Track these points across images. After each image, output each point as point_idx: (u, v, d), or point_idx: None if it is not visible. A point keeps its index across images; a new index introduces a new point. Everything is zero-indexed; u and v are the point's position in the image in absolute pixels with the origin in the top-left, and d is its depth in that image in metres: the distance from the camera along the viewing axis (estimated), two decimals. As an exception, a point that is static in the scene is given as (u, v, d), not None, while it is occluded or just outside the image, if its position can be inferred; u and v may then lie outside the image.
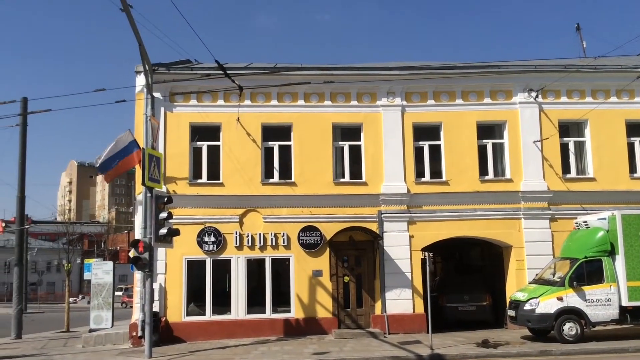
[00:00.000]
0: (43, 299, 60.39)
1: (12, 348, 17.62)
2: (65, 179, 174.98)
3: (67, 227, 41.75)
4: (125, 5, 12.60)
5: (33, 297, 56.83)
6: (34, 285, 56.91)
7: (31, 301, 52.48)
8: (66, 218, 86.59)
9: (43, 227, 79.99)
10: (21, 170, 21.43)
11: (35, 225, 69.57)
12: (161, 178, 15.15)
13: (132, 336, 16.29)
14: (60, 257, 42.34)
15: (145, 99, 15.87)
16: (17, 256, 21.68)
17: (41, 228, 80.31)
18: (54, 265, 77.57)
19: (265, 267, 17.41)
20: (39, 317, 37.57)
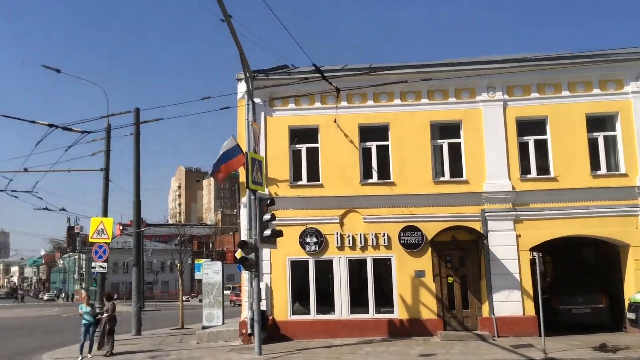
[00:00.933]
0: (158, 297, 64.21)
1: (133, 344, 18.87)
2: (175, 183, 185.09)
3: (179, 229, 44.05)
4: (226, 16, 13.12)
5: (149, 295, 60.49)
6: (150, 285, 60.64)
7: (148, 299, 55.92)
8: (177, 221, 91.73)
9: (156, 229, 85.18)
10: (136, 176, 22.91)
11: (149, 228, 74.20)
12: (264, 181, 15.65)
13: (242, 333, 16.95)
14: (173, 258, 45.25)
15: (246, 105, 16.46)
16: (135, 257, 23.18)
17: (155, 230, 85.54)
18: (167, 265, 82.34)
19: (366, 267, 17.46)
20: (156, 314, 39.95)
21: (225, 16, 13.11)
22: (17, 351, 18.61)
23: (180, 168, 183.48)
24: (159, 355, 15.67)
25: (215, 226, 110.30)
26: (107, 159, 21.12)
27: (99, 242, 19.54)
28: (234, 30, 13.66)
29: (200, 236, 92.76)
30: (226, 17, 13.14)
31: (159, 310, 47.04)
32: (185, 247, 64.68)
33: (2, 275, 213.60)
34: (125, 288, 74.31)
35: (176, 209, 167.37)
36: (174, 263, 71.28)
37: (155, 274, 60.54)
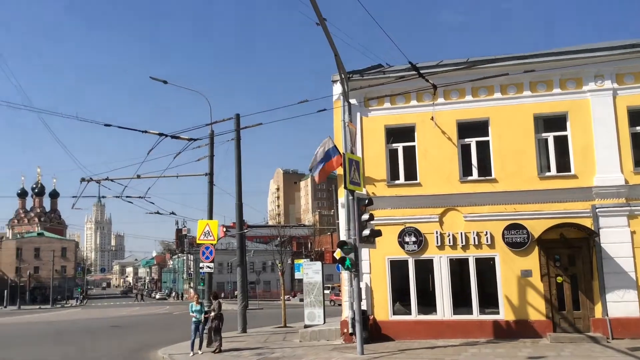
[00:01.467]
0: (261, 296, 65.99)
1: (239, 341, 19.59)
2: (273, 185, 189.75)
3: (278, 231, 45.08)
4: (321, 19, 13.30)
5: (252, 294, 62.32)
6: (253, 284, 62.37)
7: (251, 298, 57.66)
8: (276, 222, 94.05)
9: (257, 230, 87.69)
10: (238, 180, 23.74)
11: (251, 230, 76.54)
12: (361, 181, 15.70)
13: (344, 333, 17.09)
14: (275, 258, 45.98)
15: (342, 106, 16.59)
16: (239, 257, 24.02)
17: (256, 232, 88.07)
18: (268, 266, 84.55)
19: (468, 266, 17.02)
20: (259, 313, 41.15)
21: (320, 19, 13.29)
22: (134, 347, 19.89)
23: (279, 170, 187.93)
24: (265, 352, 16.16)
25: (313, 227, 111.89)
26: (211, 164, 22.04)
27: (205, 244, 20.43)
28: (329, 33, 13.82)
29: (299, 237, 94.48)
30: (321, 20, 13.32)
31: (262, 309, 48.44)
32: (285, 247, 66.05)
33: (118, 275, 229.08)
34: (230, 287, 77.18)
35: (275, 211, 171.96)
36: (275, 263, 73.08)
37: (257, 274, 62.29)
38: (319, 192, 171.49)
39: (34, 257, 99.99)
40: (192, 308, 16.89)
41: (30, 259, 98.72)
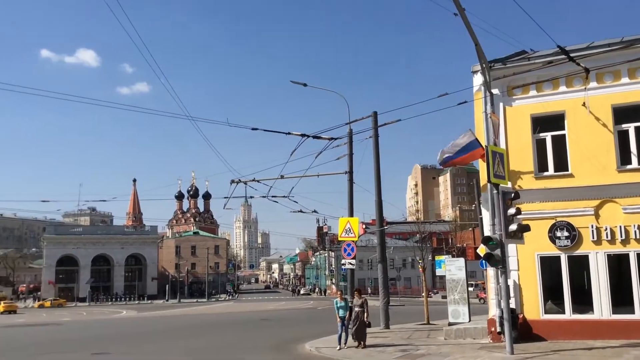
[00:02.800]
0: (402, 293, 65.85)
1: (383, 337, 19.70)
2: (411, 181, 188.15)
3: (418, 227, 44.66)
4: (460, 9, 12.96)
5: (393, 291, 62.39)
6: (393, 281, 62.43)
7: (392, 295, 57.74)
8: (415, 218, 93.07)
9: (396, 227, 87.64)
10: (377, 177, 23.87)
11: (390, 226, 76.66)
12: (506, 174, 15.05)
13: (491, 331, 16.51)
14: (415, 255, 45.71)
15: (483, 97, 16.02)
16: (379, 254, 24.16)
17: (395, 228, 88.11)
18: (408, 262, 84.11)
19: (629, 262, 15.60)
20: (400, 309, 41.07)
21: (459, 9, 12.96)
22: (283, 340, 20.82)
23: (416, 166, 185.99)
24: (409, 349, 16.10)
25: (454, 222, 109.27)
26: (350, 162, 22.41)
27: (347, 241, 20.83)
28: (469, 23, 13.41)
29: (439, 233, 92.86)
30: (460, 10, 12.98)
31: (403, 306, 48.27)
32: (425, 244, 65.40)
33: (265, 272, 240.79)
34: (370, 284, 77.87)
35: (414, 207, 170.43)
36: (415, 260, 72.62)
37: (397, 271, 62.27)
38: (459, 187, 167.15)
39: (191, 254, 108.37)
40: (336, 304, 17.07)
41: (187, 256, 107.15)
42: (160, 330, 28.77)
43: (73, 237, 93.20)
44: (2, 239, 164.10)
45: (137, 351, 19.03)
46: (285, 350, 18.02)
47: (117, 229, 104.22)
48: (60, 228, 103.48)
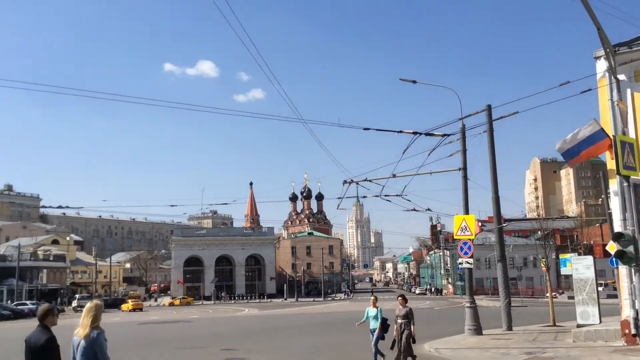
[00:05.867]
0: (523, 293, 63.10)
1: (505, 338, 19.04)
2: (530, 176, 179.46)
3: (540, 223, 42.63)
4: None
5: (514, 291, 59.93)
6: (514, 280, 60.03)
7: (513, 295, 55.44)
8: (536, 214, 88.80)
9: (515, 224, 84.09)
10: (493, 173, 23.10)
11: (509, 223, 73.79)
12: (637, 165, 14.01)
13: (625, 334, 15.39)
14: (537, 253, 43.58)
15: (608, 84, 15.02)
16: (499, 253, 23.35)
17: (514, 225, 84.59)
18: (530, 261, 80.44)
19: None
20: (523, 310, 39.39)
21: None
22: (402, 338, 20.73)
23: (535, 160, 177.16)
24: (535, 351, 15.45)
25: (579, 218, 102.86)
26: (464, 158, 21.89)
27: (463, 239, 20.37)
28: (589, 5, 12.66)
29: (562, 229, 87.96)
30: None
31: (526, 307, 46.24)
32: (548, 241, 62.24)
33: (379, 271, 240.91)
34: (489, 283, 75.36)
35: (533, 203, 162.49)
36: (537, 258, 69.24)
37: (518, 270, 59.61)
38: (583, 181, 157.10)
39: (306, 254, 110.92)
40: (367, 313, 14.13)
41: (303, 256, 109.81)
42: (282, 328, 29.78)
43: (198, 239, 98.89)
44: (135, 241, 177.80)
45: (262, 348, 19.84)
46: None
47: (237, 230, 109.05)
48: (186, 230, 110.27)
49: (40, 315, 5.90)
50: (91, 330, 5.88)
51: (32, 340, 5.76)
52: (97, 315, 5.99)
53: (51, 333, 5.82)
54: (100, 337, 5.88)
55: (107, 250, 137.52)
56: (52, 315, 5.93)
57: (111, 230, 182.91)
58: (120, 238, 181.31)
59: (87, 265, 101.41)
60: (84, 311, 6.04)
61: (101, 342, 5.86)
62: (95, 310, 6.01)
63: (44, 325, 5.85)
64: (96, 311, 6.01)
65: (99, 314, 6.02)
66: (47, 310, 5.95)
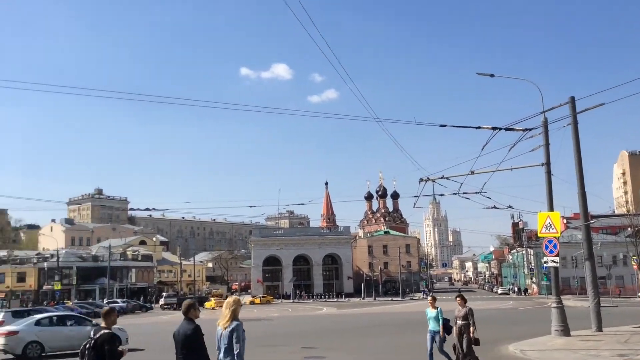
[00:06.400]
0: (613, 293, 59.99)
1: (595, 340, 18.22)
2: (618, 170, 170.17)
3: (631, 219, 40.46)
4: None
5: (603, 290, 57.10)
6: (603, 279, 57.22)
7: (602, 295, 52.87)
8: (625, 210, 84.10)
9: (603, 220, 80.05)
10: (578, 167, 22.08)
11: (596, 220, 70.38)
12: None
13: None
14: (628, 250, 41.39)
15: None
16: (586, 251, 22.31)
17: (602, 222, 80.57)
18: (619, 259, 76.34)
19: None
20: (613, 310, 37.51)
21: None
22: (483, 340, 20.24)
23: (623, 153, 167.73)
24: (628, 353, 14.72)
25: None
26: (546, 153, 21.11)
27: (547, 237, 19.65)
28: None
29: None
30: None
31: (616, 307, 43.98)
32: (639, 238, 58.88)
33: (458, 270, 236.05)
34: (576, 283, 72.19)
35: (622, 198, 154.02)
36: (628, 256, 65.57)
37: (607, 268, 56.67)
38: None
39: (383, 253, 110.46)
40: (427, 314, 13.58)
41: (379, 255, 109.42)
42: (360, 327, 29.89)
43: (276, 239, 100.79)
44: (216, 241, 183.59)
45: (341, 346, 20.01)
46: (487, 351, 17.52)
47: (314, 230, 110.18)
48: (264, 231, 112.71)
49: (185, 310, 6.82)
50: (231, 321, 6.73)
51: (181, 331, 6.67)
52: (236, 309, 6.83)
53: (196, 324, 6.70)
54: (239, 328, 6.70)
55: (190, 250, 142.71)
56: (194, 309, 6.83)
57: (194, 231, 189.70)
58: (202, 238, 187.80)
59: (172, 264, 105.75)
60: (224, 305, 6.94)
61: (239, 331, 6.67)
62: (234, 304, 6.86)
63: (189, 317, 6.76)
64: (235, 305, 6.84)
65: (237, 308, 6.85)
66: (190, 305, 6.86)
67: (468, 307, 12.68)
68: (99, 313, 39.97)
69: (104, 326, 7.02)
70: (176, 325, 6.92)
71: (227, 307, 6.86)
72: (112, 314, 7.20)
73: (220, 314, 6.93)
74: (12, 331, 19.08)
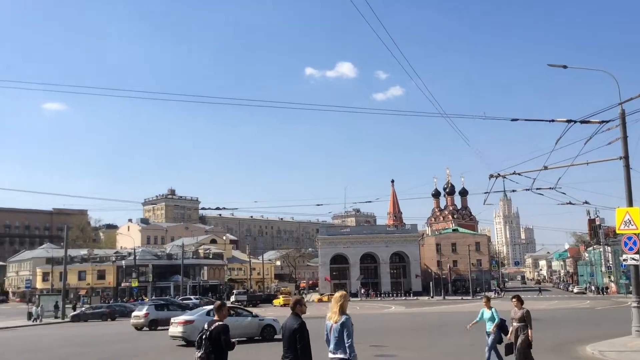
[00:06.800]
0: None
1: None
2: None
3: None
4: None
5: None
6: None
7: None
8: None
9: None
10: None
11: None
12: None
13: None
14: None
15: None
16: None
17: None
18: None
19: None
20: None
21: None
22: (560, 341, 19.66)
23: None
24: None
25: None
26: (624, 146, 20.16)
27: (627, 234, 18.78)
28: None
29: None
30: None
31: None
32: None
33: (531, 268, 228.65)
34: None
35: None
36: None
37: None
38: None
39: (451, 251, 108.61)
40: (482, 315, 13.32)
41: (448, 253, 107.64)
42: (430, 325, 29.58)
43: (342, 237, 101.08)
44: (283, 240, 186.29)
45: (411, 345, 19.90)
46: (564, 352, 17.04)
47: (380, 228, 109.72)
48: (330, 229, 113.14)
49: (292, 305, 7.31)
50: (340, 315, 7.07)
51: (287, 325, 7.12)
52: (344, 303, 7.17)
53: (301, 319, 7.12)
54: (348, 321, 7.03)
55: (258, 249, 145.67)
56: (300, 305, 7.28)
57: (262, 230, 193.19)
58: (270, 237, 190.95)
59: (241, 262, 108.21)
60: (332, 300, 7.29)
61: (348, 324, 7.02)
62: (342, 299, 7.20)
63: (295, 313, 7.20)
64: (342, 300, 7.18)
65: (345, 302, 7.18)
66: (297, 301, 7.37)
67: (525, 308, 12.18)
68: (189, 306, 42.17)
69: (217, 319, 7.58)
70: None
71: (336, 302, 7.19)
72: (224, 307, 7.85)
73: (329, 308, 7.27)
74: (188, 320, 21.43)
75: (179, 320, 21.72)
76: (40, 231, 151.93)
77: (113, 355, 19.59)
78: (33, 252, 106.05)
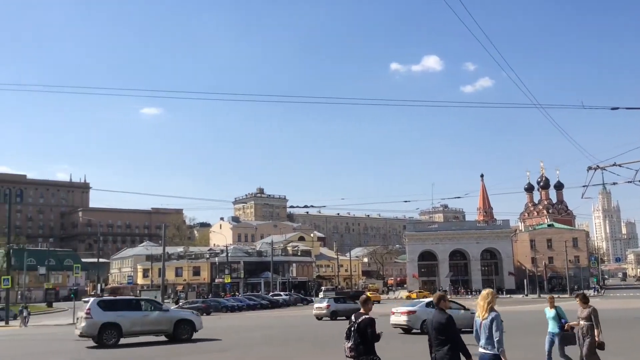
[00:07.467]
0: None
1: None
2: None
3: None
4: None
5: None
6: None
7: None
8: None
9: None
10: None
11: None
12: None
13: None
14: None
15: None
16: None
17: None
18: None
19: None
20: None
21: None
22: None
23: None
24: None
25: None
26: None
27: None
28: None
29: None
30: None
31: None
32: None
33: (633, 265, 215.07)
34: None
35: None
36: None
37: None
38: None
39: (547, 247, 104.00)
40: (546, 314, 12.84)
41: (543, 249, 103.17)
42: (527, 324, 28.51)
43: (430, 233, 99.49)
44: (370, 237, 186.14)
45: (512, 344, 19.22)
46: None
47: (470, 224, 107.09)
48: (418, 225, 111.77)
49: (436, 301, 7.50)
50: (489, 312, 7.24)
51: (434, 320, 7.31)
52: (492, 300, 7.34)
53: (447, 314, 7.31)
54: (497, 318, 7.18)
55: (345, 246, 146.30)
56: (444, 300, 7.48)
57: (349, 227, 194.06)
58: (357, 234, 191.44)
59: (329, 259, 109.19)
60: (479, 297, 7.47)
61: (498, 321, 7.16)
62: (489, 296, 7.37)
63: (440, 307, 7.40)
64: (490, 297, 7.36)
65: (493, 299, 7.35)
66: (440, 296, 7.55)
67: (591, 307, 11.45)
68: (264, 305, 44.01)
69: (363, 312, 7.90)
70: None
71: (483, 299, 7.35)
72: (370, 302, 8.11)
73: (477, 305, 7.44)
74: (411, 311, 23.22)
75: (402, 311, 23.48)
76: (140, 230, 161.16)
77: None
78: (134, 250, 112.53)
